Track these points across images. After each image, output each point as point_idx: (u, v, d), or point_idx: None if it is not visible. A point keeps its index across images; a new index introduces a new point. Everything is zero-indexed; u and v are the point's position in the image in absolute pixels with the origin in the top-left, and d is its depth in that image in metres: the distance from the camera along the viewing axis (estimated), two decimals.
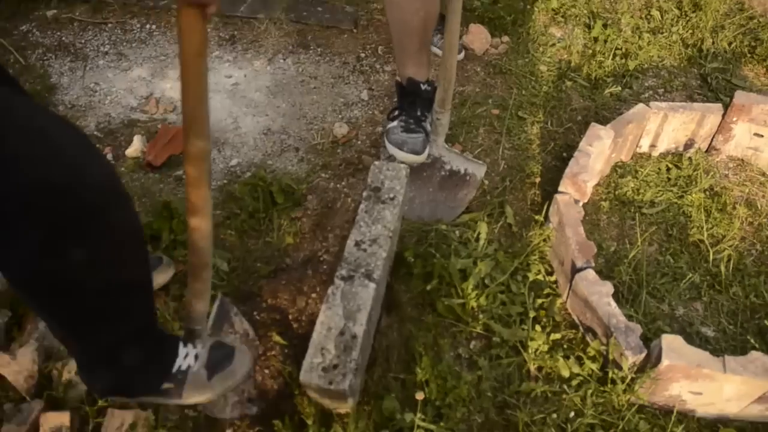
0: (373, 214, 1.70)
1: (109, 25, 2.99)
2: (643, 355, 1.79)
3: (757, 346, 2.02)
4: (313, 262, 2.08)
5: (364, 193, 1.75)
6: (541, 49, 2.92)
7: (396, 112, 2.34)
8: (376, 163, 1.82)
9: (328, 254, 2.09)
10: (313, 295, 1.99)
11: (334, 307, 1.51)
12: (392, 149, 2.27)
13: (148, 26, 2.98)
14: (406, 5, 2.07)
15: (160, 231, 2.08)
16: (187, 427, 1.70)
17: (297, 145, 2.48)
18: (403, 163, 2.12)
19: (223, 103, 2.64)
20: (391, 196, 1.75)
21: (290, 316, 1.93)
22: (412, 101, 2.29)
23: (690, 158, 2.52)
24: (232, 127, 2.55)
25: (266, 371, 1.73)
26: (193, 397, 1.52)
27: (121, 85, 2.72)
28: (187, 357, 1.51)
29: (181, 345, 1.53)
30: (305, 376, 1.45)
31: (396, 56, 2.29)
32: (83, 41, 2.91)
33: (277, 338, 1.80)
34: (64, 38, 2.91)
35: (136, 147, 2.43)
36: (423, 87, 2.27)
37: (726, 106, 2.47)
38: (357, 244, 1.64)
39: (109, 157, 2.43)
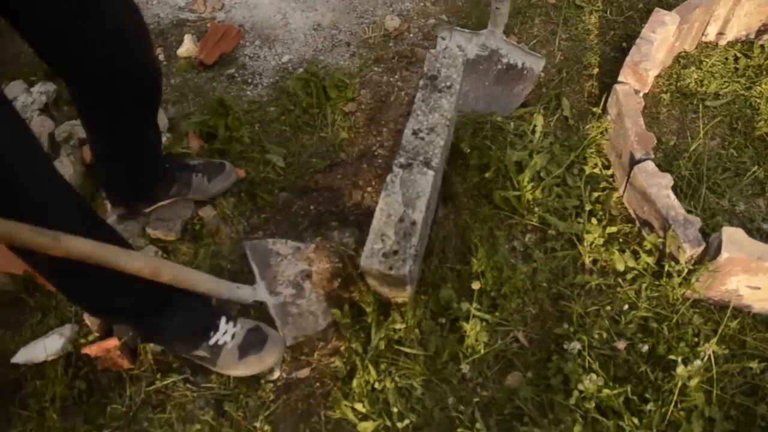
0: (430, 103, 1.68)
1: None
2: (702, 248, 1.77)
3: None
4: (368, 156, 2.08)
5: (421, 82, 1.72)
6: None
7: None
8: (432, 51, 1.78)
9: (383, 148, 2.09)
10: (369, 189, 2.01)
11: (393, 194, 1.52)
12: None
13: None
14: None
15: (216, 127, 2.11)
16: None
17: (348, 40, 2.44)
18: None
19: None
20: (448, 84, 1.71)
21: (346, 209, 1.96)
22: None
23: (762, 46, 2.39)
24: (282, 23, 2.51)
25: (325, 263, 1.78)
26: (224, 369, 1.65)
27: None
28: (226, 333, 1.63)
29: (223, 320, 1.64)
30: (366, 262, 1.49)
31: None
32: None
33: (335, 225, 1.84)
34: None
35: (187, 47, 2.43)
36: None
37: None
38: (414, 132, 1.63)
39: (161, 57, 2.43)
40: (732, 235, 1.73)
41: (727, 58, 2.38)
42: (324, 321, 1.68)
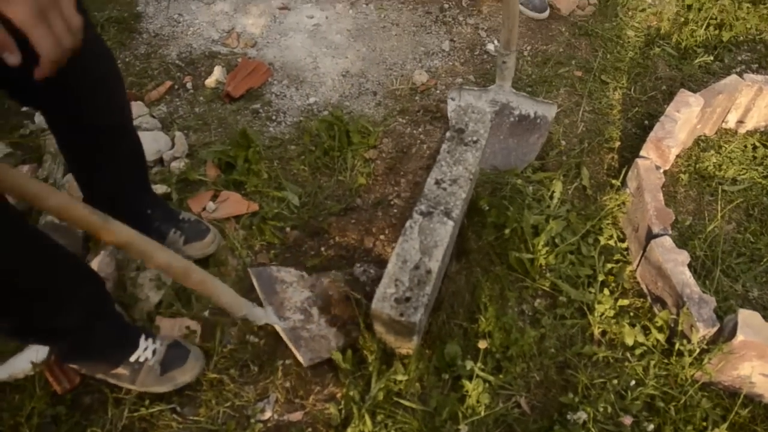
0: (455, 155, 1.68)
1: None
2: (716, 329, 1.74)
3: None
4: (384, 204, 2.07)
5: (447, 134, 1.72)
6: (630, 13, 2.82)
7: None
8: (461, 104, 1.79)
9: (399, 198, 2.08)
10: (381, 237, 1.99)
11: (411, 241, 1.50)
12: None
13: None
14: None
15: (235, 158, 2.11)
16: (246, 350, 1.73)
17: (375, 89, 2.47)
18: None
19: (304, 42, 2.64)
20: (475, 139, 1.72)
21: (357, 255, 1.94)
22: None
23: None
24: (312, 66, 2.55)
25: (334, 294, 1.74)
26: (145, 387, 1.62)
27: (204, 18, 2.74)
28: (146, 350, 1.61)
29: (142, 338, 1.62)
30: (377, 305, 1.46)
31: None
32: None
33: (341, 272, 1.81)
34: None
35: (216, 77, 2.46)
36: None
37: None
38: (437, 182, 1.62)
39: (189, 86, 2.46)
40: (748, 318, 1.70)
41: (746, 146, 2.40)
42: (336, 344, 1.65)
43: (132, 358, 1.60)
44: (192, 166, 2.15)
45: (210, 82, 2.45)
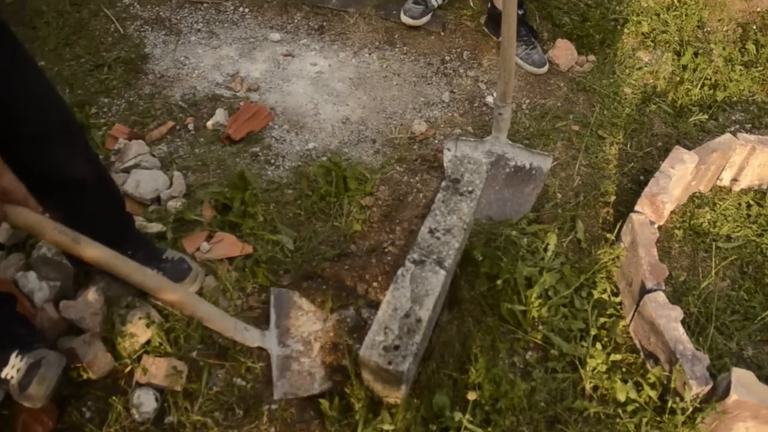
0: (449, 205, 1.70)
1: (205, 4, 3.08)
2: (709, 387, 1.72)
3: None
4: (378, 251, 2.08)
5: (443, 183, 1.74)
6: (627, 71, 2.87)
7: None
8: (458, 155, 1.81)
9: (394, 246, 2.09)
10: (374, 284, 1.99)
11: (402, 289, 1.50)
12: (522, 64, 2.78)
13: (241, 9, 3.06)
14: None
15: (232, 200, 2.12)
16: (232, 393, 1.71)
17: (374, 137, 2.50)
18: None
19: (306, 89, 2.68)
20: (470, 189, 1.74)
21: (349, 301, 1.93)
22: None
23: None
24: (312, 112, 2.59)
25: (326, 350, 1.73)
26: (20, 400, 1.62)
27: (209, 62, 2.79)
28: (13, 368, 1.62)
29: (14, 354, 1.63)
30: (365, 352, 1.45)
31: None
32: (179, 17, 3.01)
33: (335, 316, 1.80)
34: (161, 13, 3.02)
35: (217, 119, 2.49)
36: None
37: None
38: (431, 231, 1.63)
39: (191, 127, 2.49)
40: (742, 377, 1.69)
41: (740, 204, 2.41)
42: (318, 386, 1.63)
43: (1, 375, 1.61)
44: (189, 206, 2.16)
45: (211, 123, 2.49)
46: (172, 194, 2.21)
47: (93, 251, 1.28)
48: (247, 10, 3.06)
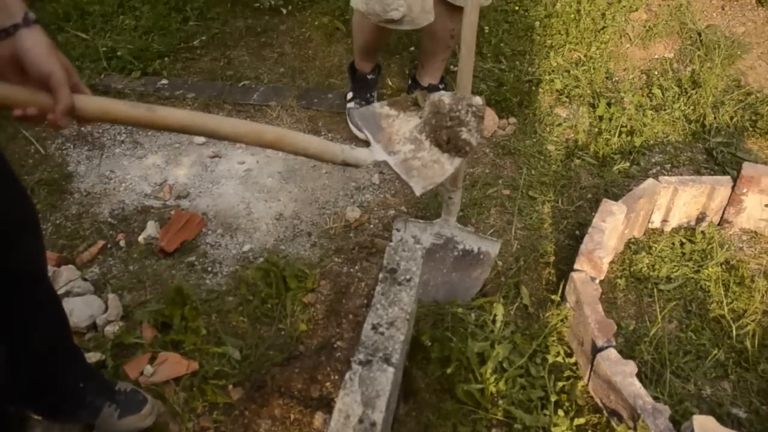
0: (389, 296, 1.68)
1: None
2: None
3: None
4: (328, 349, 2.04)
5: (380, 275, 1.73)
6: (548, 128, 2.97)
7: (350, 95, 2.95)
8: (392, 244, 1.81)
9: (343, 340, 2.05)
10: (327, 384, 1.94)
11: (352, 394, 1.46)
12: (354, 129, 2.84)
13: None
14: (370, 34, 2.66)
15: (171, 317, 2.06)
16: None
17: (309, 230, 2.49)
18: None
19: (236, 189, 2.67)
20: (408, 277, 1.73)
21: (304, 405, 1.88)
22: (362, 86, 2.94)
23: (703, 232, 2.51)
24: (245, 212, 2.57)
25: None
26: None
27: (136, 173, 2.76)
28: None
29: None
30: None
31: (355, 52, 2.88)
32: (101, 131, 2.97)
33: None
34: (82, 128, 2.98)
35: (149, 232, 2.44)
36: (369, 77, 2.96)
37: (735, 179, 2.47)
38: (374, 327, 1.61)
39: (122, 243, 2.44)
40: (703, 424, 1.69)
41: (674, 243, 2.48)
42: (450, 166, 1.52)
43: None
44: (127, 329, 2.09)
45: (143, 238, 2.44)
46: (108, 319, 2.13)
47: (172, 115, 1.20)
48: None
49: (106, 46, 3.33)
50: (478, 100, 1.55)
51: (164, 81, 3.24)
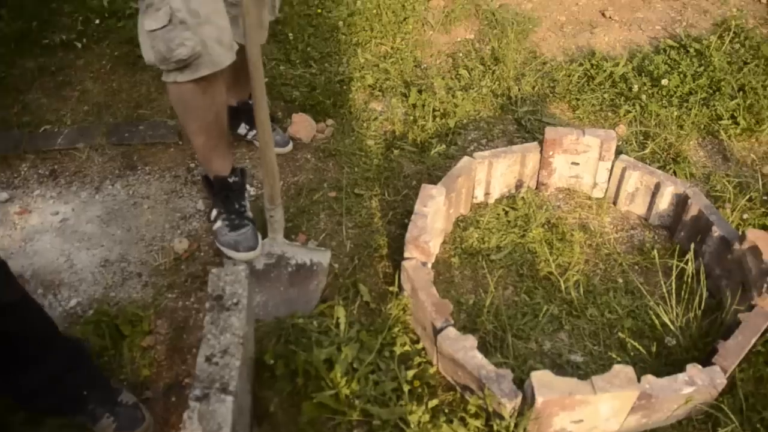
0: (219, 324, 1.64)
1: None
2: (519, 398, 1.82)
3: (619, 359, 2.12)
4: (176, 388, 1.97)
5: (207, 304, 1.69)
6: (365, 124, 3.03)
7: (215, 212, 2.41)
8: (214, 270, 1.77)
9: (191, 377, 1.98)
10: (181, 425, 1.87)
11: None
12: (228, 252, 2.32)
13: None
14: (196, 104, 2.15)
15: None
16: None
17: (139, 271, 2.37)
18: (244, 262, 2.11)
19: (53, 242, 2.49)
20: (235, 301, 1.70)
21: None
22: (226, 195, 2.38)
23: (523, 198, 2.67)
24: (66, 266, 2.40)
25: None
26: None
27: None
28: None
29: None
30: None
31: (199, 156, 2.43)
32: None
33: None
34: None
35: None
36: (231, 180, 2.38)
37: (542, 143, 2.65)
38: (208, 359, 1.57)
39: None
40: (541, 379, 1.80)
41: (498, 214, 2.62)
42: None
43: None
44: None
45: None
46: None
47: None
48: None
49: None
50: None
51: None
